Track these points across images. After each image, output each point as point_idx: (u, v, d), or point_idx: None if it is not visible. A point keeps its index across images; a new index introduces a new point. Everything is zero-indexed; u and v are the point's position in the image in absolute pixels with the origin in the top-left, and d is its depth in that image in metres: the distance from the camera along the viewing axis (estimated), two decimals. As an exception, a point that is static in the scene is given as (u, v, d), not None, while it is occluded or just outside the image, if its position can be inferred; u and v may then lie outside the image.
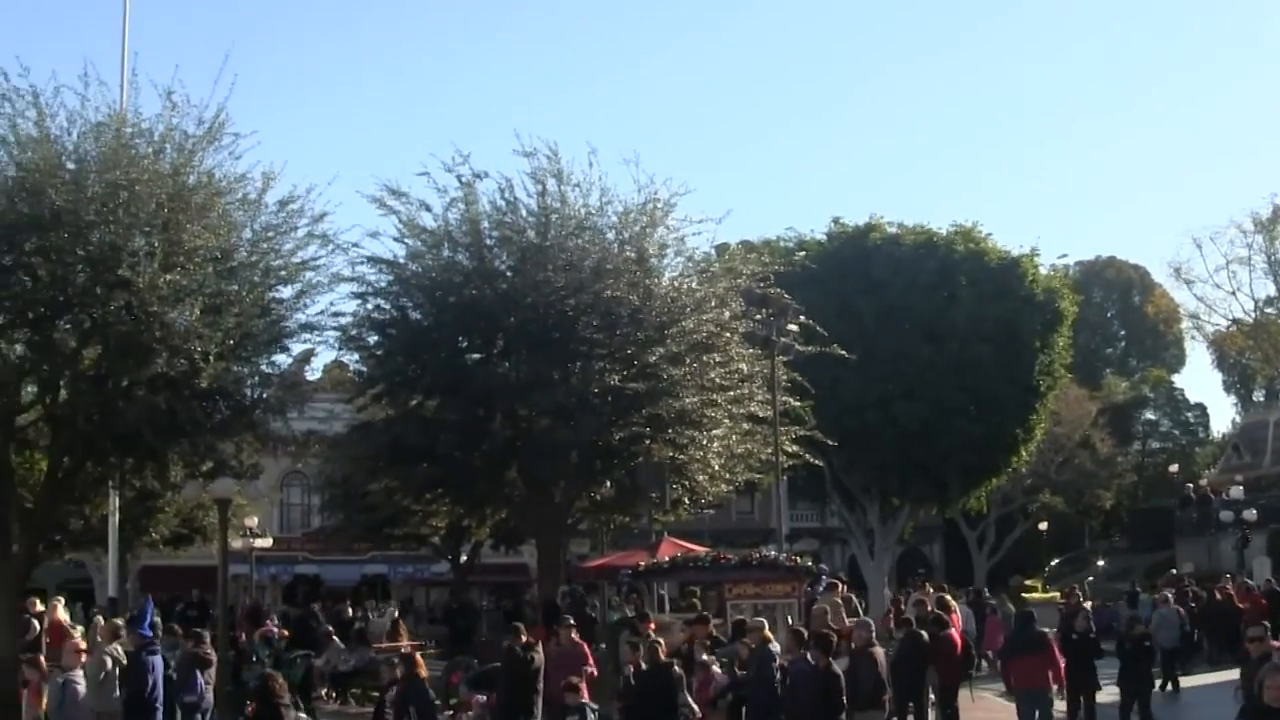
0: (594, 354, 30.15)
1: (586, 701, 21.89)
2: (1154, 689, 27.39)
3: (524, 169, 31.42)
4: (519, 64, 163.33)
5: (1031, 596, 63.15)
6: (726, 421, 32.21)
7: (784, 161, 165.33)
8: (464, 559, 50.68)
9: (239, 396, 28.45)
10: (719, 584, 29.40)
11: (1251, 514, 57.82)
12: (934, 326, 50.11)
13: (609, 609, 33.35)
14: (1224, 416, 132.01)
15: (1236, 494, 60.25)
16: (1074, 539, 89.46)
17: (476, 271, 30.77)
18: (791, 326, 36.09)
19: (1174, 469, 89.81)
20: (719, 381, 31.76)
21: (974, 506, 62.94)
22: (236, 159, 27.98)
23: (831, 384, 43.77)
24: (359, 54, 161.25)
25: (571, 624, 25.33)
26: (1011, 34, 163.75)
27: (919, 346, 49.66)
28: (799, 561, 29.92)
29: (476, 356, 32.02)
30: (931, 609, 26.84)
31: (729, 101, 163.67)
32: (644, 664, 21.59)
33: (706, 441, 31.97)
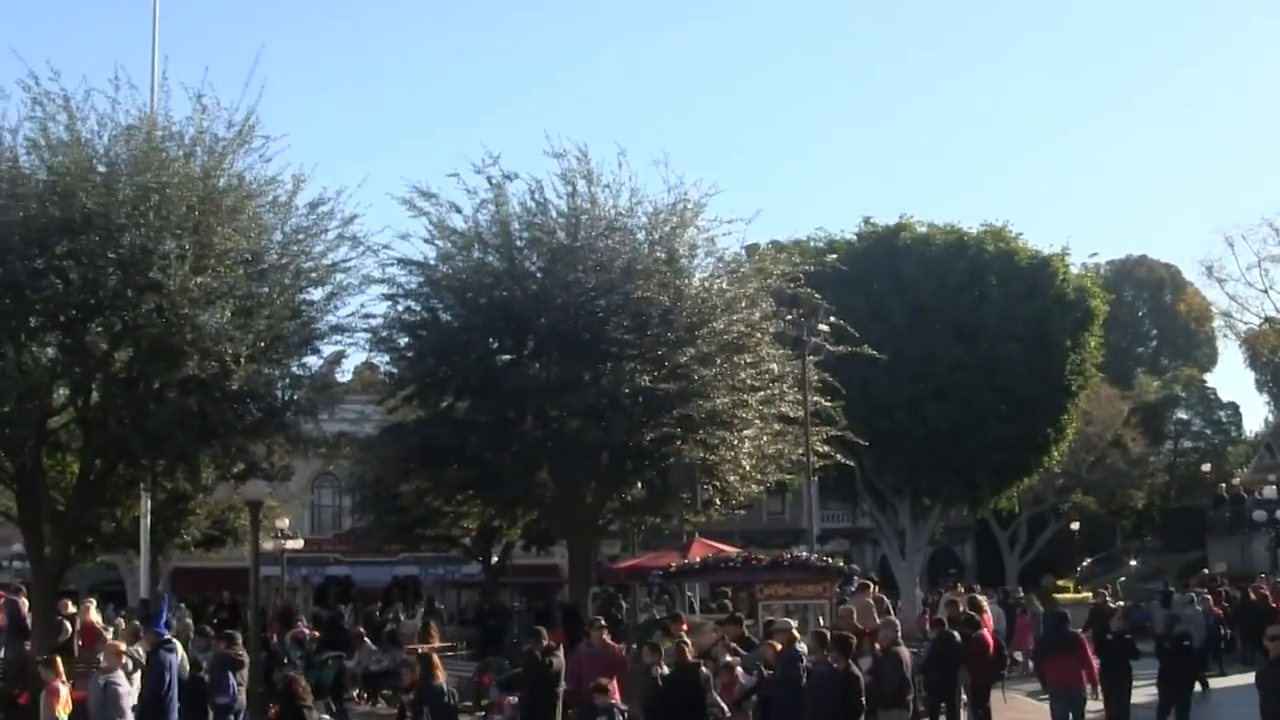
0: (625, 355, 30.06)
1: (615, 702, 21.90)
2: (1193, 690, 27.17)
3: (554, 170, 31.45)
4: (548, 65, 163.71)
5: (1063, 597, 63.00)
6: (757, 422, 32.11)
7: (814, 161, 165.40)
8: (495, 560, 50.68)
9: (270, 398, 28.56)
10: (750, 585, 29.39)
11: (1284, 513, 57.58)
12: (965, 326, 50.05)
13: (638, 610, 33.31)
14: (1256, 415, 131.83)
15: (1269, 493, 60.02)
16: (1106, 539, 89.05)
17: (507, 273, 30.75)
18: (822, 326, 35.98)
19: (1206, 468, 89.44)
20: (750, 382, 31.66)
21: (1005, 506, 62.71)
22: (267, 161, 28.18)
23: (862, 384, 43.71)
24: (388, 55, 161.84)
25: (603, 625, 25.35)
26: (1043, 32, 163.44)
27: (950, 346, 49.62)
28: (830, 562, 29.80)
29: (507, 358, 31.99)
30: (963, 609, 26.80)
31: (758, 101, 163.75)
32: (663, 666, 21.56)
33: (737, 442, 31.86)
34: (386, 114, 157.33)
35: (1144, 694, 26.86)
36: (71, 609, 32.20)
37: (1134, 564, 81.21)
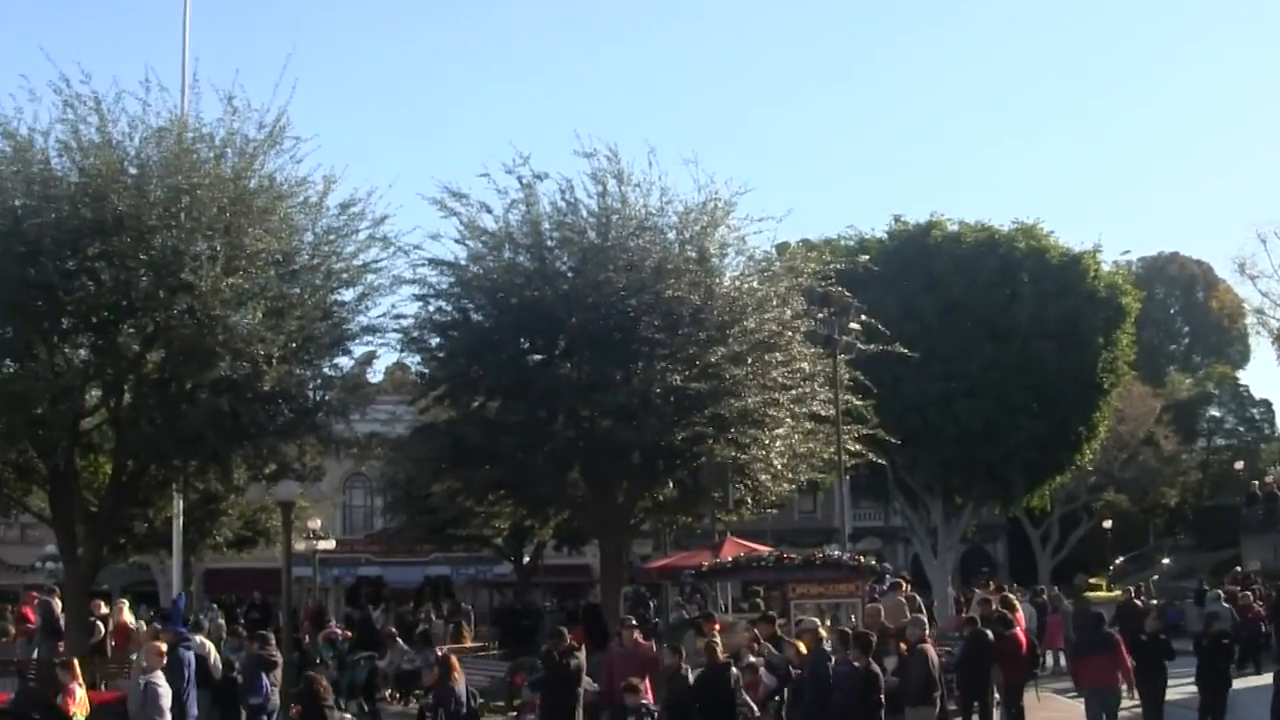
0: (656, 354, 30.04)
1: (647, 702, 21.87)
2: (1230, 687, 26.97)
3: (584, 170, 31.45)
4: (578, 64, 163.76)
5: (1096, 595, 62.66)
6: (789, 421, 32.04)
7: (844, 160, 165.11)
8: (526, 560, 50.74)
9: (301, 399, 28.61)
10: (783, 584, 29.35)
11: (1318, 510, 57.26)
12: (996, 324, 49.98)
13: (669, 609, 33.25)
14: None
15: (1303, 491, 59.67)
16: (1138, 537, 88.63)
17: (538, 272, 30.74)
18: (853, 325, 35.92)
19: (1239, 466, 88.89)
20: (781, 381, 31.59)
21: (1038, 505, 62.51)
22: (297, 162, 28.25)
23: (894, 382, 43.67)
24: (419, 56, 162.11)
25: (634, 624, 25.31)
26: (1076, 30, 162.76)
27: (981, 344, 49.54)
28: (863, 561, 29.74)
29: (538, 357, 32.00)
30: (996, 608, 26.70)
31: (788, 100, 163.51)
32: (686, 666, 21.54)
33: (769, 441, 31.78)
34: (417, 114, 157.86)
35: (1176, 692, 26.68)
36: (104, 610, 32.36)
37: (1166, 562, 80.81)
